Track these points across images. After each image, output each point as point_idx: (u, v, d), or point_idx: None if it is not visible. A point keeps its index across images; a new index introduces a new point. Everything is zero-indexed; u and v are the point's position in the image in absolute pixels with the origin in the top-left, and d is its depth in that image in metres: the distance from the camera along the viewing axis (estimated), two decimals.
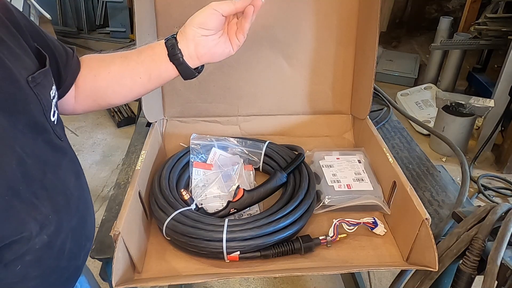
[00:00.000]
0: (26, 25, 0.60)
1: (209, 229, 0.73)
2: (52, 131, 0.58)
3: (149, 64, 0.72)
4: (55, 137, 0.58)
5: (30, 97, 0.54)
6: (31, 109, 0.54)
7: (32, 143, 0.53)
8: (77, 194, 0.63)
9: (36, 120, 0.54)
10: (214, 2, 0.69)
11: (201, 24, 0.69)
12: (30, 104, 0.53)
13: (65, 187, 0.59)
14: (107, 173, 2.30)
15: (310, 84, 1.10)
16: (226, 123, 1.09)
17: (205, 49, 0.71)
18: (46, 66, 0.59)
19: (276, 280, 1.71)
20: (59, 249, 0.57)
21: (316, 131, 1.13)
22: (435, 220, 0.85)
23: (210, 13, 0.68)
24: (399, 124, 1.23)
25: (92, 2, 4.43)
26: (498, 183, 2.35)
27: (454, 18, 3.35)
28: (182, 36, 0.70)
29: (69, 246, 0.59)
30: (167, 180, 0.86)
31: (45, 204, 0.54)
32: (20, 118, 0.51)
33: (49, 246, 0.55)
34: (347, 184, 0.90)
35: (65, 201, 0.58)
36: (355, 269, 0.98)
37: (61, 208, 0.57)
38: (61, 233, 0.57)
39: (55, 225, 0.55)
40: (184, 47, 0.70)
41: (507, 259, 0.65)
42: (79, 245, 0.64)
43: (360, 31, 1.04)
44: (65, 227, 0.58)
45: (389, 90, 3.07)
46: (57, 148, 0.59)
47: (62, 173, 0.59)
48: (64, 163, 0.60)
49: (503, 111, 2.38)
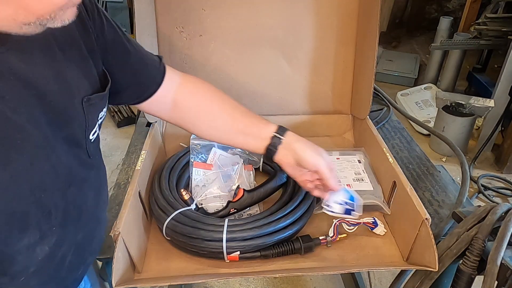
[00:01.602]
0: (106, 45, 0.62)
1: (209, 229, 0.73)
2: (85, 148, 0.59)
3: (247, 138, 0.78)
4: (85, 153, 0.59)
5: (79, 115, 0.55)
6: (75, 126, 0.55)
7: (65, 156, 0.54)
8: (92, 210, 0.64)
9: (75, 137, 0.56)
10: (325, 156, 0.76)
11: (303, 161, 0.74)
12: (76, 121, 0.55)
13: (82, 202, 0.60)
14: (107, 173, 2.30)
15: (310, 84, 1.10)
16: None
17: (286, 165, 0.77)
18: (105, 91, 0.60)
19: (276, 280, 1.70)
20: (60, 261, 0.58)
21: (316, 131, 1.13)
22: (435, 220, 0.85)
23: (315, 164, 0.74)
24: (399, 124, 1.23)
25: None
26: (498, 183, 2.35)
27: (454, 18, 3.35)
28: (288, 145, 0.76)
29: (70, 259, 0.59)
30: (167, 180, 0.86)
31: (58, 215, 0.54)
32: (63, 131, 0.53)
33: (50, 257, 0.55)
34: (347, 184, 0.90)
35: (77, 215, 0.59)
36: (355, 269, 0.98)
37: (70, 222, 0.58)
38: (63, 245, 0.57)
39: (56, 237, 0.55)
40: (281, 151, 0.76)
41: (507, 259, 0.65)
42: (81, 259, 0.64)
43: (360, 31, 1.04)
44: (68, 240, 0.58)
45: (389, 90, 3.07)
46: (85, 164, 0.60)
47: (85, 188, 0.60)
48: (89, 178, 0.61)
49: (503, 111, 2.38)
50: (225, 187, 0.89)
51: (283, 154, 0.76)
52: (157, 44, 1.02)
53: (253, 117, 0.79)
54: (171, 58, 1.04)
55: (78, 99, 0.54)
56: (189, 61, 1.05)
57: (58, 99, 0.51)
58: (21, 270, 0.51)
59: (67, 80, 0.53)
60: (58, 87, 0.51)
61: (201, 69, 1.05)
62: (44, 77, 0.49)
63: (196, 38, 1.03)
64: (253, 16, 1.02)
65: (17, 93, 0.46)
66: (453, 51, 3.07)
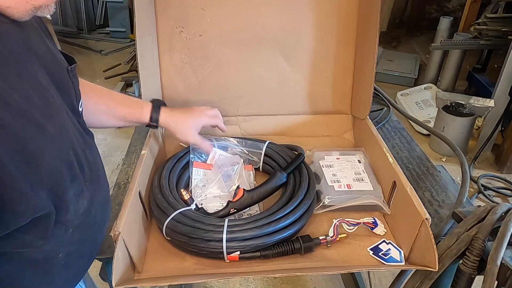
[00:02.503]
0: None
1: (209, 229, 0.73)
2: (82, 118, 0.65)
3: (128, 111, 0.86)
4: (84, 122, 0.66)
5: (70, 83, 0.62)
6: (71, 94, 0.61)
7: (73, 122, 0.60)
8: (103, 175, 0.69)
9: (74, 104, 0.62)
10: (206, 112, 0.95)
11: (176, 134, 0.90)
12: (70, 89, 0.61)
13: (97, 165, 0.66)
14: (107, 173, 2.30)
15: (310, 84, 1.10)
16: (226, 123, 1.09)
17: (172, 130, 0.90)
18: (76, 63, 0.65)
19: (276, 280, 1.70)
20: (93, 218, 0.64)
21: (316, 131, 1.13)
22: (435, 220, 0.85)
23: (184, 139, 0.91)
24: (399, 124, 1.23)
25: (92, 2, 4.43)
26: (498, 183, 2.35)
27: (454, 18, 3.35)
28: (168, 115, 0.88)
29: (98, 218, 0.65)
30: (167, 180, 0.86)
31: (87, 171, 0.60)
32: (66, 99, 0.59)
33: (87, 213, 0.61)
34: (347, 184, 0.90)
35: (97, 176, 0.65)
36: (355, 269, 0.98)
37: (95, 180, 0.64)
38: (94, 203, 0.63)
39: (90, 193, 0.61)
40: (163, 120, 0.88)
41: (507, 259, 0.65)
42: (104, 221, 0.70)
43: (360, 31, 1.04)
44: (95, 199, 0.63)
45: (389, 90, 3.08)
46: (87, 132, 0.66)
47: (94, 153, 0.66)
48: (93, 146, 0.67)
49: (503, 111, 2.38)
50: (225, 187, 0.89)
51: (165, 119, 0.88)
52: (157, 44, 1.02)
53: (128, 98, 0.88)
54: (171, 58, 1.04)
55: (65, 69, 0.61)
56: (189, 61, 1.05)
57: (56, 69, 0.58)
58: (71, 219, 0.57)
59: (54, 53, 0.59)
60: (51, 58, 0.58)
61: (201, 69, 1.05)
62: (41, 49, 0.56)
63: (196, 38, 1.03)
64: (253, 16, 1.02)
65: (31, 61, 0.52)
66: (453, 51, 3.07)
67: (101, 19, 4.48)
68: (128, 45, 4.12)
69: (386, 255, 0.77)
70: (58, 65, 0.59)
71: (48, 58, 0.57)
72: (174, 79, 1.06)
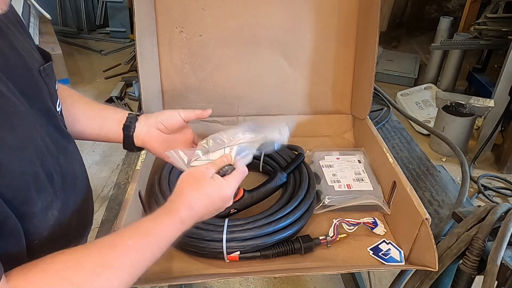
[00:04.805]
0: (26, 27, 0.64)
1: (209, 229, 0.74)
2: (59, 119, 0.62)
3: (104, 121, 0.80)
4: (62, 124, 0.63)
5: (42, 85, 0.58)
6: (43, 96, 0.58)
7: (46, 126, 0.58)
8: (82, 178, 0.66)
9: (47, 107, 0.59)
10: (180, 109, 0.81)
11: (163, 120, 0.79)
12: (42, 91, 0.58)
13: (72, 170, 0.63)
14: (107, 173, 2.30)
15: (310, 84, 1.10)
16: (226, 123, 1.09)
17: (151, 140, 0.79)
18: (52, 60, 0.63)
19: (276, 280, 1.71)
20: (66, 226, 0.60)
21: (316, 131, 1.13)
22: (435, 220, 0.85)
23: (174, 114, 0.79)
24: (399, 124, 1.23)
25: (92, 2, 4.43)
26: (498, 183, 2.35)
27: (454, 18, 3.35)
28: (144, 119, 0.79)
29: (74, 225, 0.62)
30: (167, 180, 0.86)
31: (58, 180, 0.57)
32: (36, 102, 0.56)
33: (59, 222, 0.58)
34: (347, 184, 0.90)
35: (72, 181, 0.62)
36: (355, 269, 0.98)
37: (69, 187, 0.61)
38: (68, 211, 0.60)
39: (61, 202, 0.58)
40: (139, 127, 0.79)
41: (507, 259, 0.65)
42: (83, 227, 0.67)
43: (360, 31, 1.04)
44: (70, 206, 0.61)
45: (389, 90, 3.07)
46: (64, 135, 0.63)
47: (69, 157, 0.63)
48: (70, 149, 0.64)
49: (503, 111, 2.38)
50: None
51: (145, 131, 0.78)
52: (157, 44, 1.02)
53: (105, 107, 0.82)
54: (171, 58, 1.04)
55: (35, 70, 0.57)
56: (189, 61, 1.05)
57: (21, 72, 0.55)
58: (36, 232, 0.54)
59: (20, 53, 0.56)
60: (17, 60, 0.55)
61: (201, 69, 1.05)
62: (4, 53, 0.52)
63: (196, 38, 1.03)
64: (253, 16, 1.02)
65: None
66: (453, 51, 3.07)
67: (101, 19, 4.48)
68: (128, 45, 4.12)
69: (386, 255, 0.77)
70: (26, 67, 0.56)
71: (12, 61, 0.53)
72: (174, 79, 1.06)
